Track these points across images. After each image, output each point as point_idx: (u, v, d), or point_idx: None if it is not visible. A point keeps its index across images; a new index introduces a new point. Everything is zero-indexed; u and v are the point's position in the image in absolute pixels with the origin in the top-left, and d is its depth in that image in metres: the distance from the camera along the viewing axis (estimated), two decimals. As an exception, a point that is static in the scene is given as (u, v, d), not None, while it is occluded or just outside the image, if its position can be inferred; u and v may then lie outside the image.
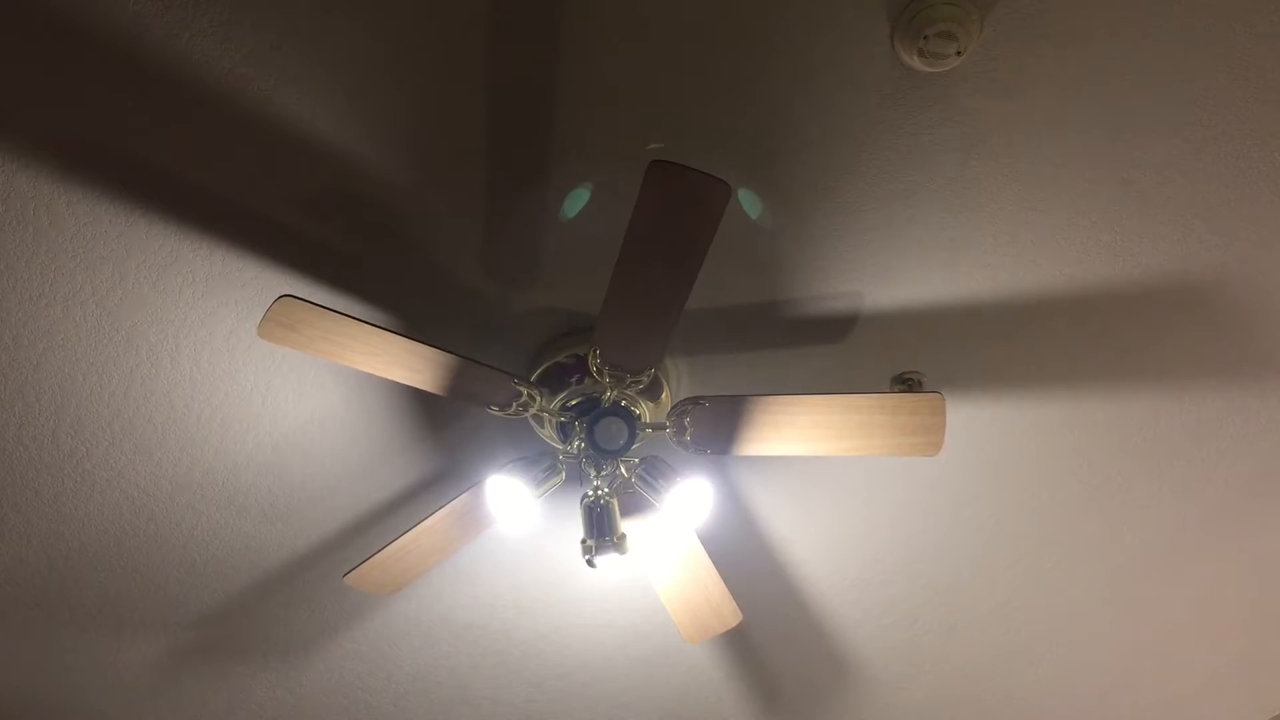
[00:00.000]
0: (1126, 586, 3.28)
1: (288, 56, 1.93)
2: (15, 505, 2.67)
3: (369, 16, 1.89)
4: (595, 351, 2.16)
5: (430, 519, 2.44)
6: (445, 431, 2.64)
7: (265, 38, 1.90)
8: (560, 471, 2.41)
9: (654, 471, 2.38)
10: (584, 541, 2.31)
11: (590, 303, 2.39)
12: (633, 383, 2.23)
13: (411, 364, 2.09)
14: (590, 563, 2.28)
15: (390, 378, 2.13)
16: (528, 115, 2.06)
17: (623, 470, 2.39)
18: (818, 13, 1.92)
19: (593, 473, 2.34)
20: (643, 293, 2.00)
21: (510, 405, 2.26)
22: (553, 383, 2.40)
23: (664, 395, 2.51)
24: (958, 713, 3.80)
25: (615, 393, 2.30)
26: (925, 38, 1.89)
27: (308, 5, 1.87)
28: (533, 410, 2.29)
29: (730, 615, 2.72)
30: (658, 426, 2.37)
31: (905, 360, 2.58)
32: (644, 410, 2.41)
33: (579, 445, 2.34)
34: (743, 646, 3.39)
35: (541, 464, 2.39)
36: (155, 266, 2.24)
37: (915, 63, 1.95)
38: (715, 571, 2.60)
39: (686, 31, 1.95)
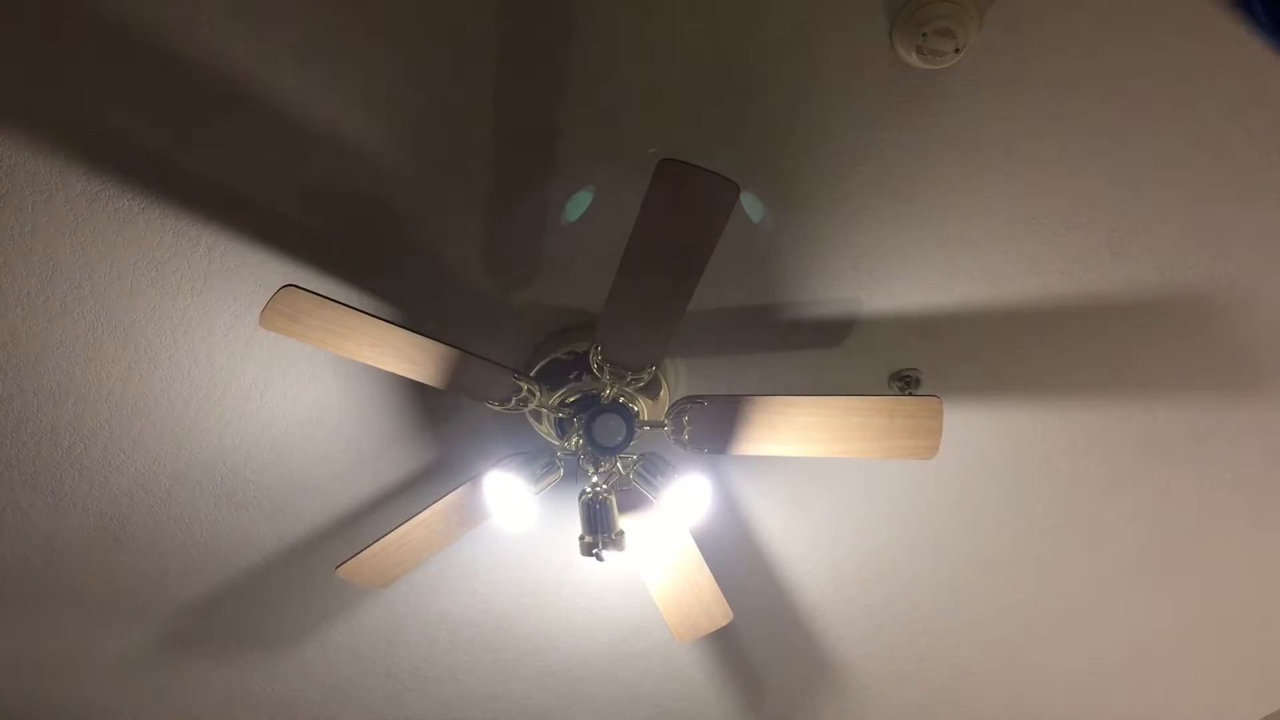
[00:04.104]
0: (1122, 585, 3.29)
1: (292, 52, 1.93)
2: (14, 500, 2.66)
3: (374, 14, 1.89)
4: (596, 348, 2.17)
5: (424, 513, 2.44)
6: (443, 426, 2.65)
7: (269, 34, 1.90)
8: (558, 468, 2.41)
9: (652, 468, 2.38)
10: (582, 538, 2.32)
11: (590, 300, 2.40)
12: (632, 380, 2.24)
13: (412, 356, 2.10)
14: (598, 556, 2.28)
15: (390, 370, 2.13)
16: (531, 115, 2.06)
17: (621, 467, 2.40)
18: (816, 10, 1.92)
19: (591, 469, 2.35)
20: (647, 290, 2.00)
21: (509, 400, 2.26)
22: (552, 379, 2.40)
23: (662, 393, 2.52)
24: (953, 711, 3.80)
25: (614, 390, 2.31)
26: (924, 35, 1.90)
27: (313, 2, 1.87)
28: (531, 406, 2.30)
29: (721, 614, 2.72)
30: (656, 425, 2.37)
31: (903, 361, 2.59)
32: (642, 408, 2.42)
33: (577, 442, 2.34)
34: (737, 645, 3.40)
35: (540, 460, 2.39)
36: (154, 262, 2.24)
37: (914, 60, 1.95)
38: (707, 570, 2.60)
39: (686, 32, 1.96)
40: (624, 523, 2.43)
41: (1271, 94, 2.09)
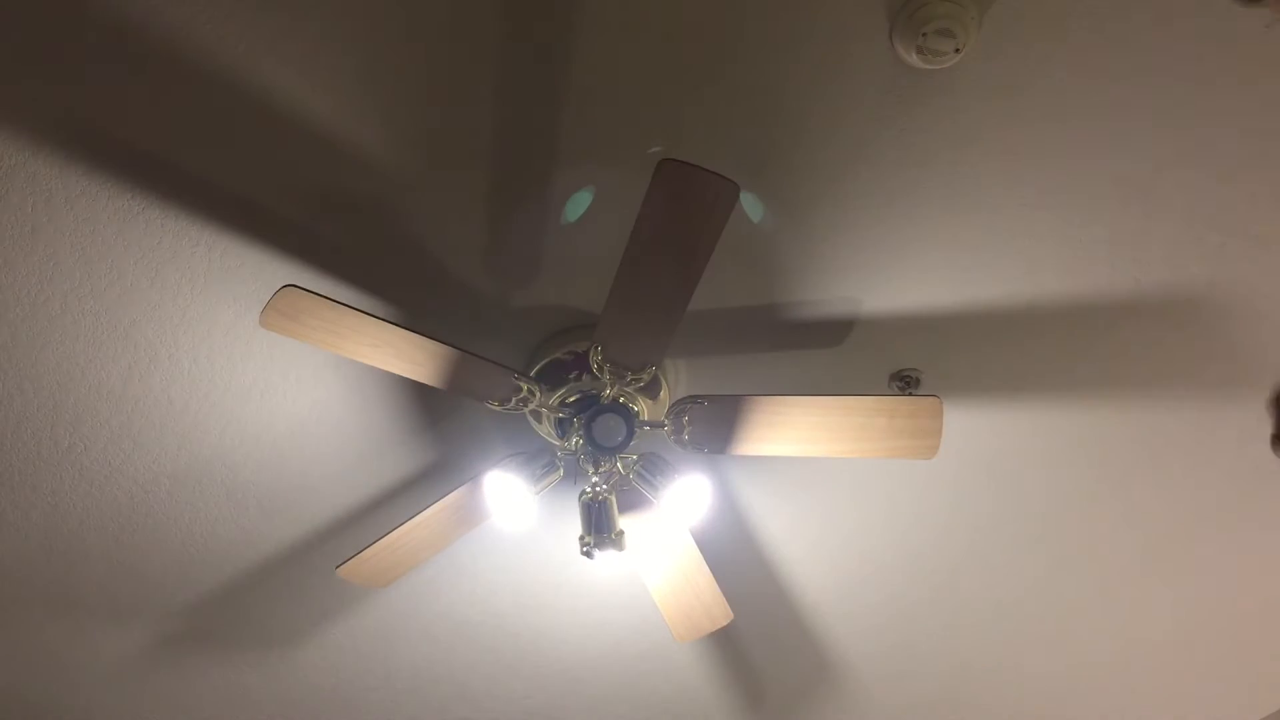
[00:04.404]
0: (1121, 586, 3.28)
1: (292, 51, 1.93)
2: (14, 501, 2.66)
3: (375, 14, 1.89)
4: (596, 348, 2.17)
5: (424, 513, 2.44)
6: (443, 426, 2.65)
7: (270, 35, 1.91)
8: (558, 468, 2.41)
9: (652, 468, 2.38)
10: (582, 538, 2.32)
11: (590, 300, 2.40)
12: (632, 380, 2.24)
13: (412, 356, 2.10)
14: (588, 553, 2.28)
15: (390, 370, 2.13)
16: (531, 115, 2.06)
17: (621, 467, 2.40)
18: (816, 10, 1.93)
19: (591, 469, 2.35)
20: (647, 290, 2.00)
21: (509, 400, 2.26)
22: (552, 379, 2.40)
23: (662, 393, 2.52)
24: (953, 711, 3.80)
25: (614, 390, 2.31)
26: (924, 35, 1.90)
27: (314, 2, 1.87)
28: (531, 406, 2.30)
29: (721, 615, 2.72)
30: (656, 424, 2.37)
31: (903, 361, 2.59)
32: (642, 408, 2.42)
33: (577, 442, 2.34)
34: (737, 645, 3.39)
35: (540, 460, 2.39)
36: (154, 262, 2.24)
37: (914, 60, 1.96)
38: (707, 570, 2.60)
39: (686, 32, 1.96)
40: (624, 523, 2.43)
41: (1272, 94, 2.09)
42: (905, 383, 2.60)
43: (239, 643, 3.22)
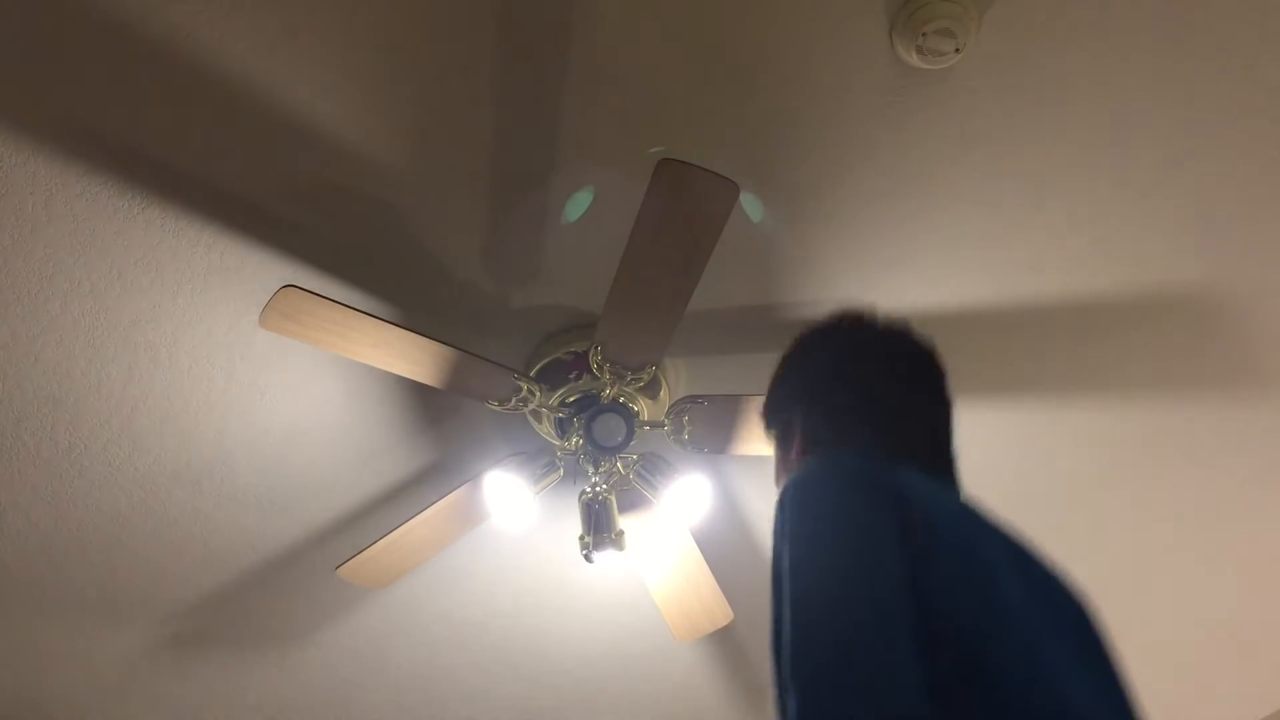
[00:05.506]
0: (1121, 586, 3.28)
1: (292, 49, 1.93)
2: (13, 501, 2.66)
3: (375, 14, 1.89)
4: (596, 348, 2.17)
5: (424, 513, 2.44)
6: (442, 426, 2.65)
7: (269, 30, 1.90)
8: (558, 468, 2.42)
9: (652, 468, 2.39)
10: (582, 538, 2.32)
11: (590, 300, 2.40)
12: (632, 380, 2.24)
13: (412, 356, 2.10)
14: (588, 557, 2.29)
15: (390, 370, 2.14)
16: (531, 115, 2.06)
17: (621, 467, 2.40)
18: (815, 10, 1.92)
19: (591, 469, 2.35)
20: (647, 290, 2.01)
21: (509, 400, 2.27)
22: (552, 379, 2.40)
23: (663, 393, 2.52)
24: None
25: (614, 390, 2.31)
26: (924, 35, 1.90)
27: (314, 2, 1.87)
28: (531, 406, 2.30)
29: (721, 614, 2.72)
30: (656, 424, 2.37)
31: (902, 360, 2.58)
32: (642, 408, 2.42)
33: (577, 442, 2.34)
34: (737, 645, 3.39)
35: (540, 460, 2.39)
36: (154, 262, 2.24)
37: (914, 60, 1.96)
38: (708, 570, 2.60)
39: (685, 32, 1.96)
40: (624, 523, 2.43)
41: (1274, 89, 2.09)
42: (905, 382, 2.60)
43: (240, 643, 3.22)
